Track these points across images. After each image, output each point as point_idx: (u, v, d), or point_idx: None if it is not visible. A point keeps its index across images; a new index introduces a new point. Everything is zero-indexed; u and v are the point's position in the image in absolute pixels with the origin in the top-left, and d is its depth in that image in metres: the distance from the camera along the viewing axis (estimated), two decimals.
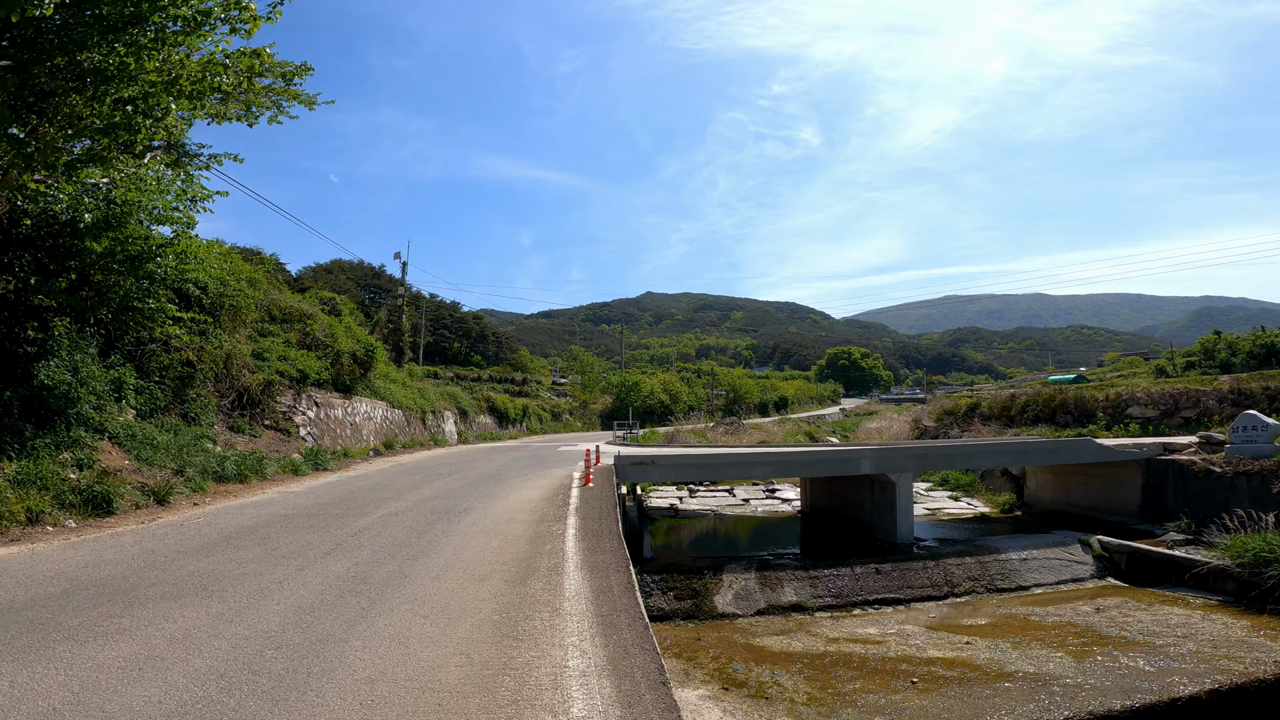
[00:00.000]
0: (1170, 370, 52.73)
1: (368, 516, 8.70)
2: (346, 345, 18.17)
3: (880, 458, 16.42)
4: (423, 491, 11.25)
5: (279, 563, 6.23)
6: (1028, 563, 15.90)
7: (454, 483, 12.48)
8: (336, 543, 7.07)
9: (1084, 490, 20.69)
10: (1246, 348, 46.44)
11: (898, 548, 16.49)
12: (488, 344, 71.47)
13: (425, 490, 11.41)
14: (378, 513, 9.00)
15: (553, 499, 10.21)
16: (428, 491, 11.24)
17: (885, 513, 17.18)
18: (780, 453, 16.26)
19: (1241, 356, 45.39)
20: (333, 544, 7.00)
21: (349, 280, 62.18)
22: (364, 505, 9.65)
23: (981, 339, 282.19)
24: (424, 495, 10.80)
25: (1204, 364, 49.40)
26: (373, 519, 8.52)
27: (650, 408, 53.80)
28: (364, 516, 8.70)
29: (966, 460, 17.69)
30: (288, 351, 15.93)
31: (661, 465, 15.08)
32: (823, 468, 16.25)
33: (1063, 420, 24.52)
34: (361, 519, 8.51)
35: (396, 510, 9.24)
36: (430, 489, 11.57)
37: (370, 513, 9.00)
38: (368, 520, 8.42)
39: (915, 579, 15.25)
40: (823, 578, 15.51)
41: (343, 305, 22.28)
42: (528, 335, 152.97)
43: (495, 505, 9.69)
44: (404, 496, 10.65)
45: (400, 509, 9.34)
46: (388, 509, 9.34)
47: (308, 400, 15.83)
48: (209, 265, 11.98)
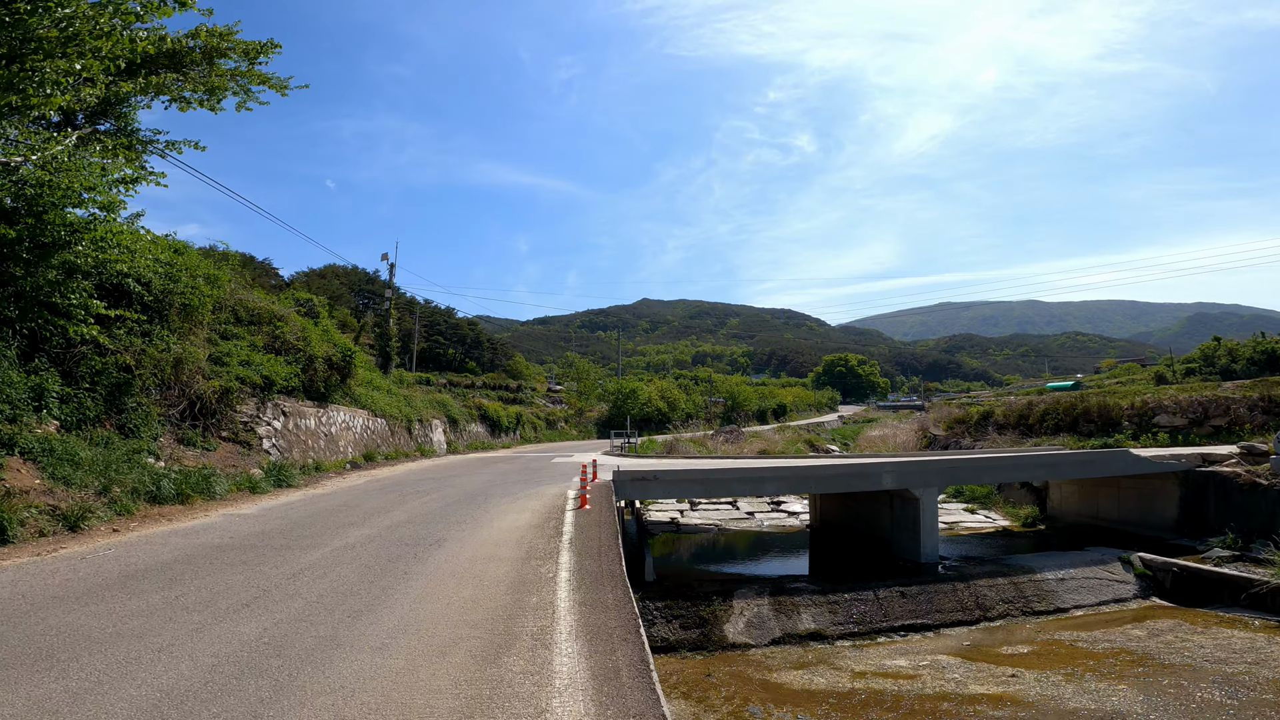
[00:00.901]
0: (1170, 377, 52.07)
1: (318, 549, 7.22)
2: (321, 349, 16.68)
3: (903, 472, 15.02)
4: (393, 514, 9.76)
5: (175, 618, 4.76)
6: (1065, 583, 14.62)
7: (431, 503, 11.00)
8: (264, 588, 5.59)
9: (1114, 503, 19.35)
10: (1247, 354, 45.80)
11: (922, 568, 15.12)
12: (483, 351, 70.23)
13: (397, 513, 9.92)
14: (332, 544, 7.52)
15: (543, 526, 8.75)
16: (399, 514, 9.75)
17: (907, 530, 15.77)
18: (793, 466, 14.84)
19: (1242, 363, 44.71)
20: (258, 590, 5.53)
21: (342, 286, 60.90)
22: (319, 533, 8.17)
23: (977, 346, 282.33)
24: (394, 520, 9.31)
25: (1204, 370, 48.71)
26: (323, 553, 7.04)
27: (648, 415, 52.34)
28: (313, 549, 7.22)
29: (995, 474, 16.32)
30: (252, 356, 14.44)
31: (665, 481, 13.63)
32: (840, 483, 14.84)
33: (1086, 429, 23.22)
34: (309, 553, 7.03)
35: (355, 540, 7.76)
36: (402, 511, 10.08)
37: (323, 544, 7.52)
38: (316, 555, 6.94)
39: (944, 602, 13.98)
40: (843, 602, 14.13)
41: (321, 307, 20.81)
42: (523, 342, 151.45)
43: (474, 535, 8.22)
44: (370, 521, 9.15)
45: (360, 539, 7.86)
46: (345, 539, 7.86)
47: (274, 409, 14.33)
48: (143, 256, 10.52)
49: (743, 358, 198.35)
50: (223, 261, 16.05)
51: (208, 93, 15.43)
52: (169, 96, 15.20)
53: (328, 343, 17.97)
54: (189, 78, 15.02)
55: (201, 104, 15.55)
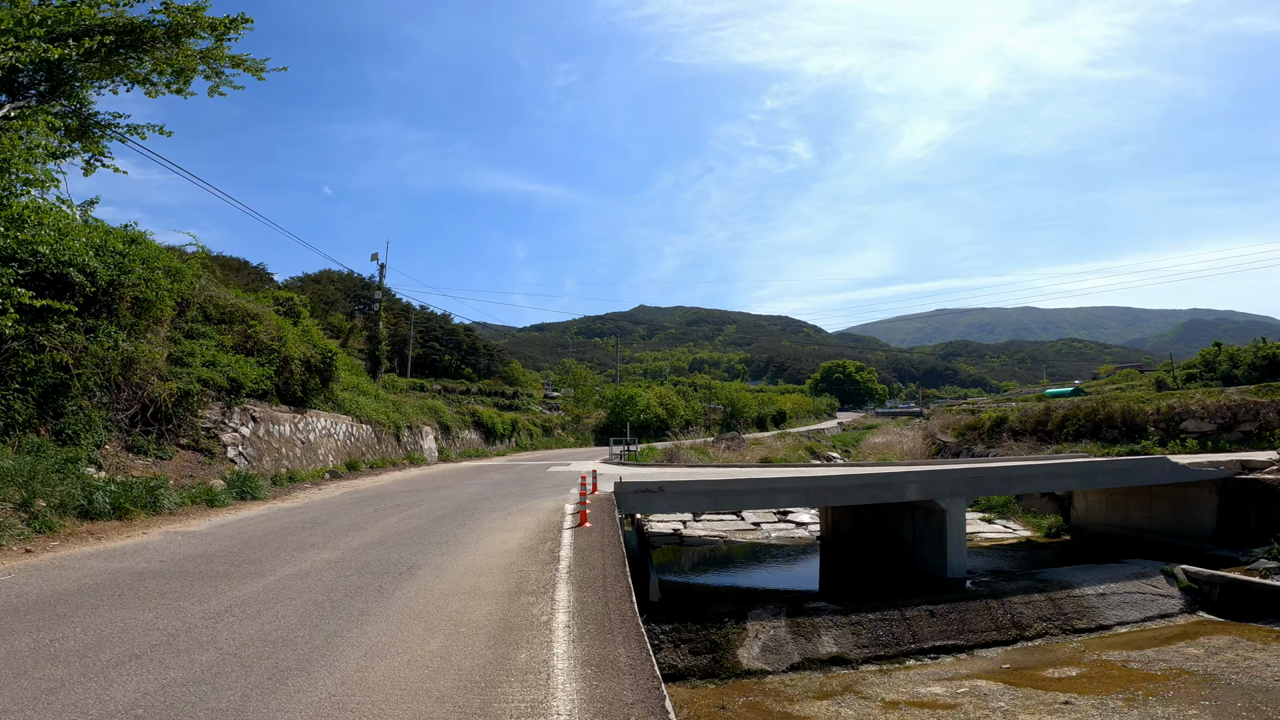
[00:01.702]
0: (1170, 383, 51.55)
1: (263, 578, 5.99)
2: (298, 351, 15.43)
3: (928, 482, 13.85)
4: (365, 533, 8.52)
5: (28, 673, 3.53)
6: (1106, 598, 13.57)
7: (411, 519, 9.75)
8: (172, 632, 4.36)
9: (1145, 512, 18.22)
10: (1248, 359, 45.38)
11: (949, 584, 14.01)
12: (479, 357, 69.24)
13: (369, 531, 8.67)
14: (281, 571, 6.28)
15: (536, 549, 7.51)
16: (371, 533, 8.51)
17: (931, 543, 14.60)
18: (809, 476, 13.65)
19: (1243, 368, 44.22)
20: (164, 634, 4.30)
21: (338, 291, 59.93)
22: (270, 556, 6.93)
23: (973, 352, 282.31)
24: (363, 540, 8.06)
25: (1205, 376, 48.26)
26: (267, 583, 5.81)
27: (646, 422, 51.09)
28: (257, 577, 5.99)
29: (1026, 483, 15.16)
30: (219, 356, 13.20)
31: (671, 494, 12.42)
32: (861, 494, 13.66)
33: (1109, 435, 22.09)
34: (250, 582, 5.80)
35: (311, 567, 6.52)
36: (376, 529, 8.83)
37: (271, 570, 6.29)
38: (258, 585, 5.71)
39: (976, 621, 13.04)
40: (866, 623, 12.98)
41: (302, 307, 19.58)
42: (520, 348, 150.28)
43: (455, 560, 6.99)
44: (335, 542, 7.91)
45: (318, 565, 6.63)
46: (300, 564, 6.63)
47: (242, 414, 13.08)
48: (77, 240, 9.31)
49: (740, 364, 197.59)
50: (190, 256, 14.84)
51: (175, 74, 14.31)
52: (129, 79, 14.09)
53: (307, 344, 16.73)
54: (155, 58, 13.89)
55: (169, 87, 14.43)
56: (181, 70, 14.32)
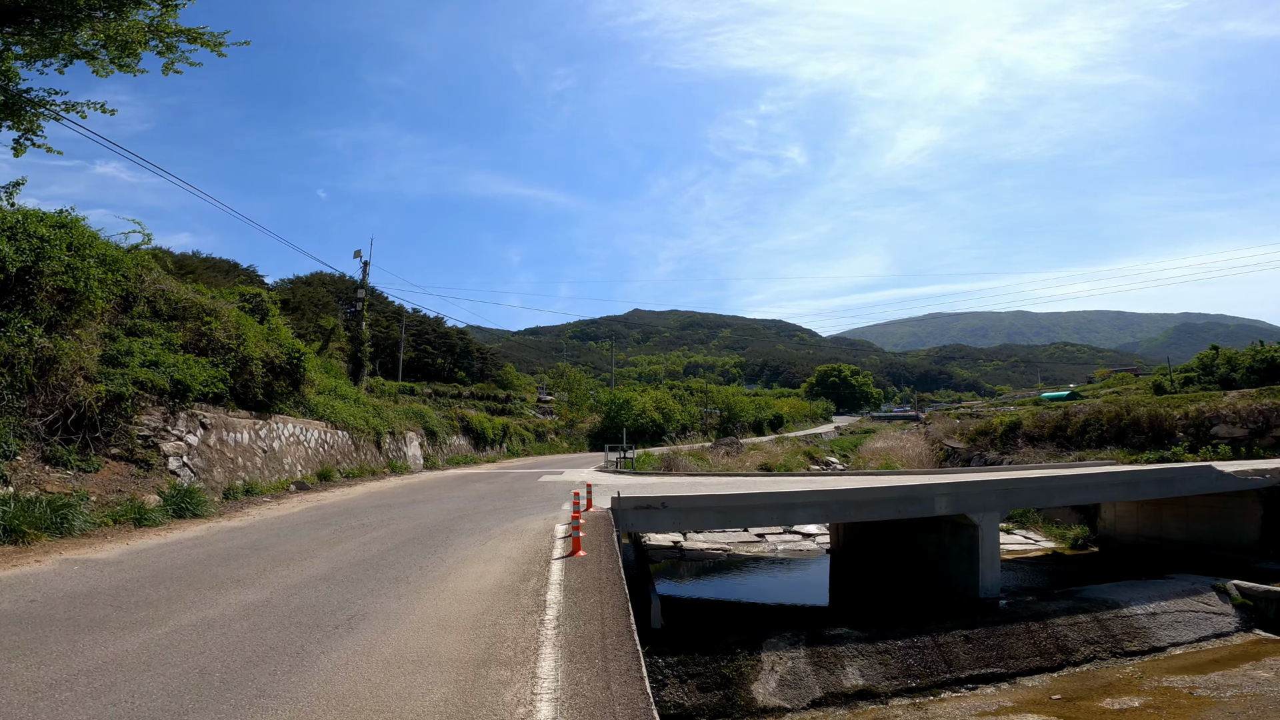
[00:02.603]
0: (1168, 386, 51.15)
1: (150, 629, 4.52)
2: (259, 350, 13.91)
3: (959, 494, 12.50)
4: (310, 564, 7.04)
5: None
6: (1157, 617, 12.43)
7: (372, 543, 8.27)
8: None
9: (1181, 522, 16.96)
10: (1246, 362, 44.94)
11: (981, 604, 12.77)
12: (472, 360, 67.96)
13: (316, 561, 7.20)
14: (179, 619, 4.80)
15: (516, 591, 6.06)
16: (317, 564, 7.03)
17: (960, 560, 13.26)
18: (829, 490, 12.27)
19: (1242, 372, 43.79)
20: None
21: (329, 294, 58.52)
22: (177, 596, 5.46)
23: (967, 356, 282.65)
24: (304, 574, 6.59)
25: (1203, 379, 47.91)
26: (149, 638, 4.33)
27: (642, 427, 49.63)
28: (141, 629, 4.51)
29: (1065, 494, 13.86)
30: (162, 355, 11.68)
31: (676, 510, 11.01)
32: (885, 508, 12.29)
33: (1136, 441, 20.85)
34: (127, 636, 4.32)
35: (221, 614, 5.05)
36: (325, 558, 7.36)
37: (166, 618, 4.81)
38: (134, 642, 4.24)
39: (1017, 645, 11.94)
40: (895, 650, 11.65)
41: (271, 304, 18.03)
42: (514, 352, 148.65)
43: (413, 606, 5.53)
44: (268, 576, 6.43)
45: (232, 610, 5.16)
46: (210, 608, 5.15)
47: (188, 420, 11.55)
48: None
49: (735, 368, 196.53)
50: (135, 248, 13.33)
51: (119, 49, 12.89)
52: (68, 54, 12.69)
53: (272, 343, 15.22)
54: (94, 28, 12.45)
55: (115, 63, 13.00)
56: (126, 44, 12.90)
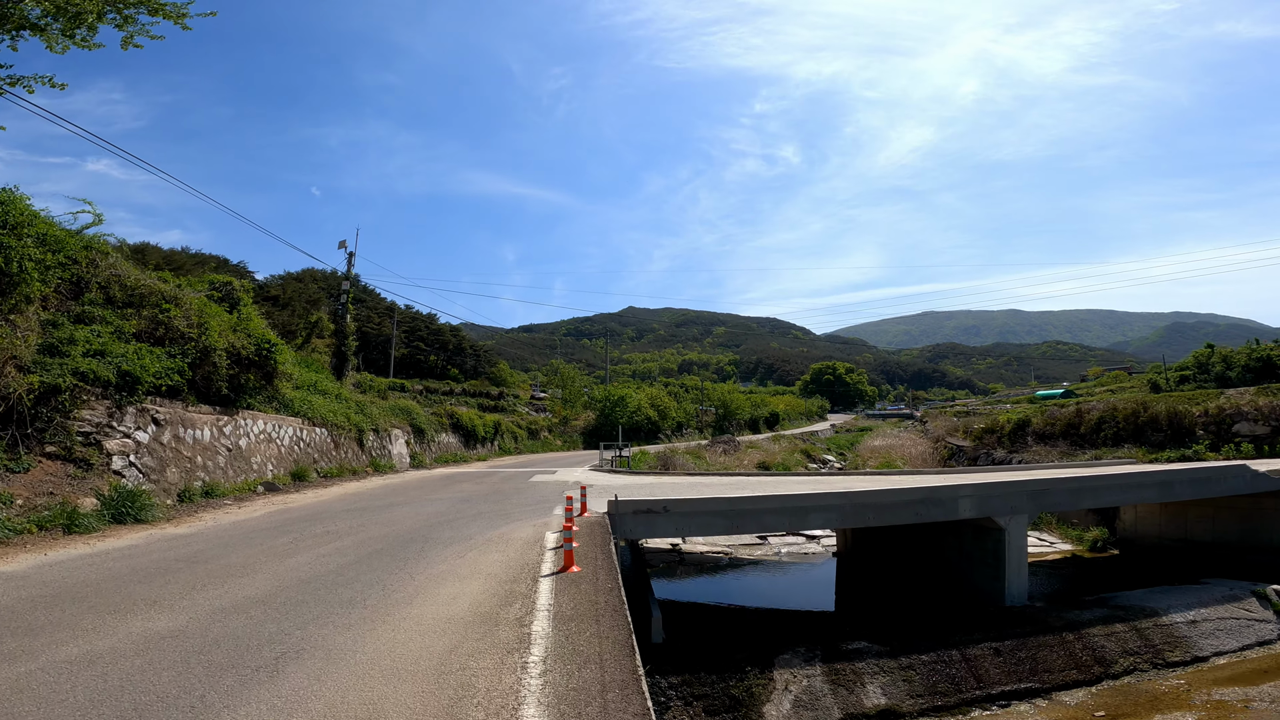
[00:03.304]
0: (1164, 385, 51.10)
1: (14, 664, 3.44)
2: (222, 341, 12.75)
3: (984, 496, 11.54)
4: (251, 581, 5.95)
5: None
6: (1197, 625, 11.65)
7: (333, 555, 7.19)
8: None
9: (1208, 524, 16.10)
10: (1242, 361, 44.88)
11: (1008, 613, 11.87)
12: (465, 357, 66.94)
13: (259, 577, 6.10)
14: (58, 653, 3.69)
15: (495, 620, 4.99)
16: (260, 581, 5.94)
17: (984, 565, 12.34)
18: (845, 492, 11.27)
19: (1237, 370, 43.68)
20: None
21: (320, 290, 57.55)
22: (71, 621, 4.35)
23: (960, 355, 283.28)
24: (241, 594, 5.50)
25: (1198, 378, 48.01)
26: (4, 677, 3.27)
27: (637, 424, 48.60)
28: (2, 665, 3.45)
29: (1097, 496, 12.94)
30: (111, 344, 10.53)
31: (679, 515, 9.98)
32: (905, 512, 11.31)
33: (1155, 439, 20.00)
34: None
35: (113, 646, 3.93)
36: (272, 573, 6.27)
37: (45, 651, 3.68)
38: None
39: (1051, 658, 11.13)
40: (919, 665, 10.70)
41: (243, 292, 16.84)
42: (508, 349, 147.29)
43: (363, 641, 4.46)
44: (195, 596, 5.34)
45: (130, 643, 4.05)
46: (104, 639, 4.04)
47: (138, 416, 10.41)
48: None
49: (729, 366, 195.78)
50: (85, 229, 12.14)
51: (70, 20, 11.76)
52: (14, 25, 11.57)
53: (241, 333, 14.07)
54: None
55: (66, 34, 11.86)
56: (78, 15, 11.78)
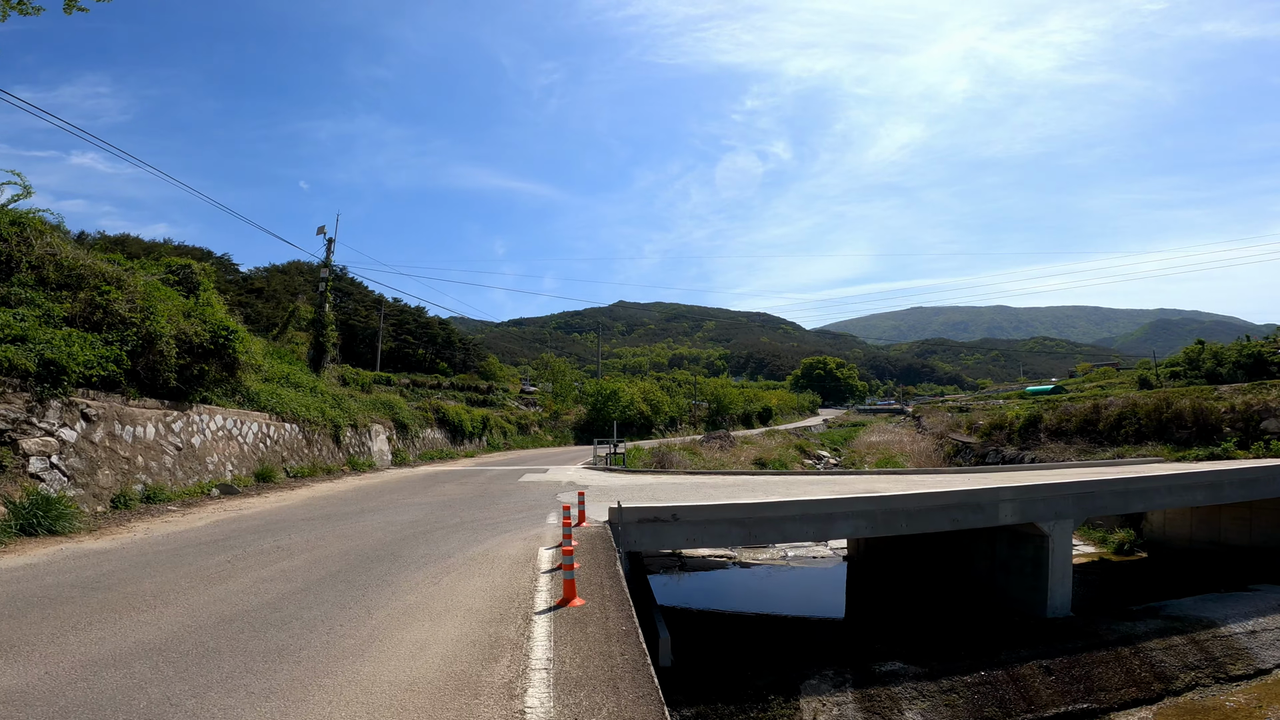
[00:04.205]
0: (1154, 381, 51.04)
1: None
2: (170, 327, 11.25)
3: (1027, 501, 10.39)
4: (159, 616, 4.58)
5: None
6: (1257, 636, 10.81)
7: (275, 580, 5.83)
8: None
9: (1243, 526, 15.12)
10: (1233, 357, 44.87)
11: (1049, 625, 10.79)
12: (455, 351, 65.59)
13: (170, 611, 4.74)
14: None
15: (475, 685, 3.66)
16: (169, 618, 4.57)
17: (1022, 574, 11.22)
18: (873, 498, 10.05)
19: (1228, 366, 43.60)
20: None
21: (306, 282, 56.12)
22: None
23: (949, 350, 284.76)
24: (130, 641, 4.14)
25: (1189, 374, 48.03)
26: None
27: (629, 419, 47.31)
28: None
29: (1146, 499, 11.86)
30: (34, 330, 9.06)
31: (689, 524, 8.73)
32: (940, 518, 10.14)
33: (1180, 436, 19.04)
34: None
35: None
36: (185, 607, 4.90)
37: None
38: None
39: (1107, 675, 10.21)
40: (961, 688, 9.60)
41: (203, 276, 15.32)
42: (498, 343, 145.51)
43: None
44: (62, 642, 3.96)
45: None
46: None
47: (64, 410, 8.96)
48: None
49: (719, 360, 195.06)
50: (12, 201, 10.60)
51: None
52: None
53: (195, 320, 12.57)
54: None
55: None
56: None
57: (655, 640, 9.62)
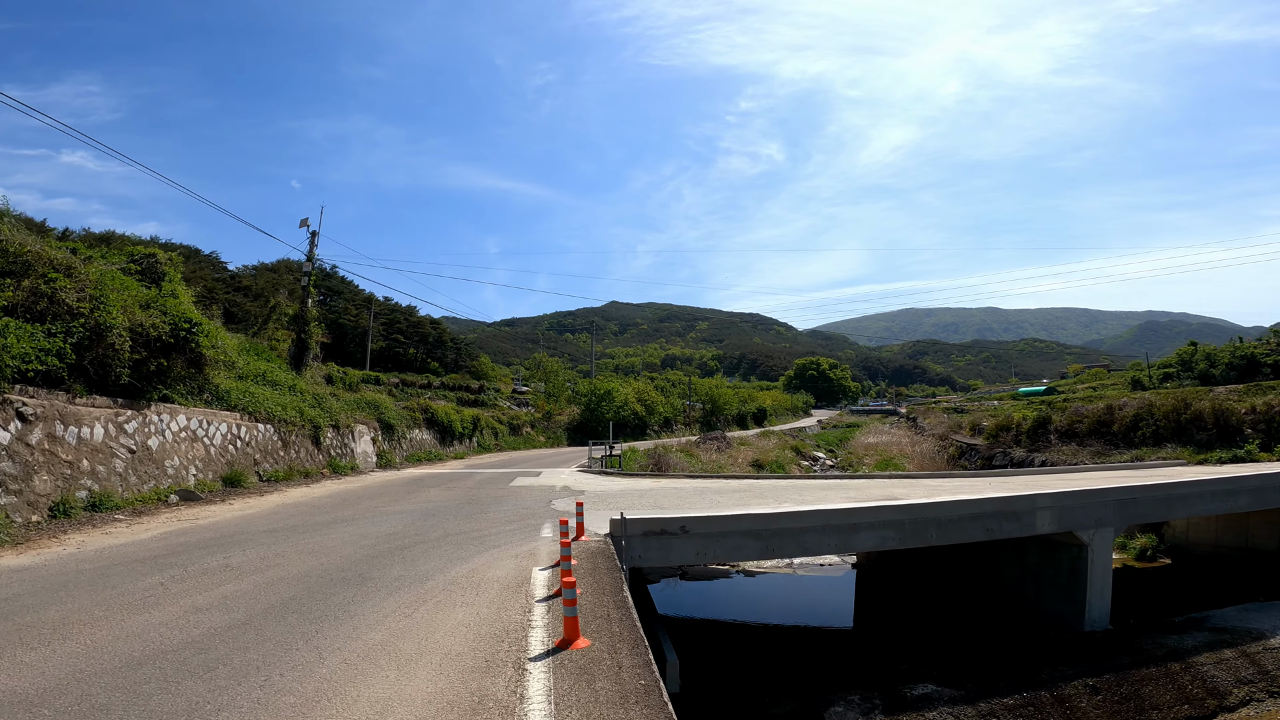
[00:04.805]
0: (1147, 382, 51.05)
1: None
2: (122, 317, 10.19)
3: (1066, 509, 9.53)
4: (48, 656, 3.54)
5: None
6: None
7: (212, 610, 4.81)
8: None
9: (1273, 531, 14.37)
10: (1226, 359, 45.03)
11: (1090, 639, 9.89)
12: (446, 350, 64.47)
13: (60, 652, 3.70)
14: None
15: None
16: (56, 663, 3.54)
17: (1056, 586, 10.38)
18: (902, 506, 9.14)
19: (1221, 368, 43.71)
20: None
21: (295, 280, 54.74)
22: None
23: (940, 351, 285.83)
24: None
25: (1182, 375, 48.14)
26: None
27: (624, 419, 46.33)
28: None
29: (1188, 505, 11.07)
30: None
31: (700, 536, 7.80)
32: (973, 528, 9.27)
33: (1200, 439, 18.33)
34: None
35: None
36: (88, 643, 3.87)
37: None
38: None
39: (1158, 693, 9.44)
40: (1003, 713, 8.76)
41: (169, 266, 14.22)
42: (490, 343, 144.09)
43: None
44: None
45: None
46: None
47: None
48: None
49: (712, 361, 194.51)
50: None
51: None
52: None
53: (155, 311, 11.50)
54: None
55: None
56: None
57: (663, 664, 8.66)
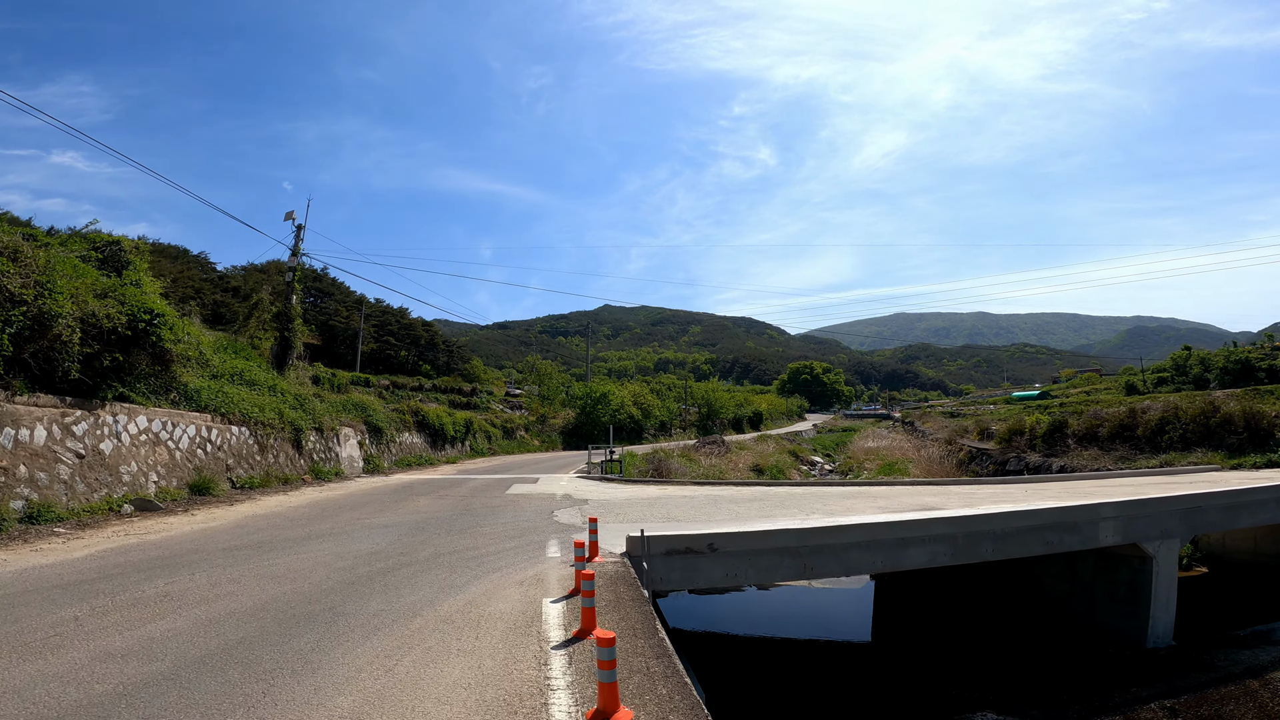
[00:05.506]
0: (1141, 387, 50.81)
1: None
2: (70, 306, 8.99)
3: (1131, 519, 8.57)
4: None
5: None
6: None
7: (129, 658, 3.67)
8: None
9: None
10: (1220, 364, 44.93)
11: (1154, 656, 8.94)
12: (438, 353, 63.24)
13: None
14: None
15: None
16: None
17: (1115, 600, 9.42)
18: (954, 518, 8.12)
19: (1215, 373, 43.55)
20: None
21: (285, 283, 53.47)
22: None
23: (932, 356, 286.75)
24: None
25: (1176, 379, 47.99)
26: None
27: (620, 423, 45.25)
28: None
29: (1253, 514, 10.14)
30: None
31: (728, 556, 6.74)
32: (1033, 541, 8.28)
33: (1231, 442, 17.50)
34: None
35: None
36: None
37: None
38: None
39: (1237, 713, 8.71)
40: None
41: (136, 256, 13.02)
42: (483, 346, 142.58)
43: None
44: None
45: None
46: None
47: None
48: None
49: (705, 364, 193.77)
50: None
51: None
52: None
53: (112, 300, 10.32)
54: None
55: None
56: None
57: None
